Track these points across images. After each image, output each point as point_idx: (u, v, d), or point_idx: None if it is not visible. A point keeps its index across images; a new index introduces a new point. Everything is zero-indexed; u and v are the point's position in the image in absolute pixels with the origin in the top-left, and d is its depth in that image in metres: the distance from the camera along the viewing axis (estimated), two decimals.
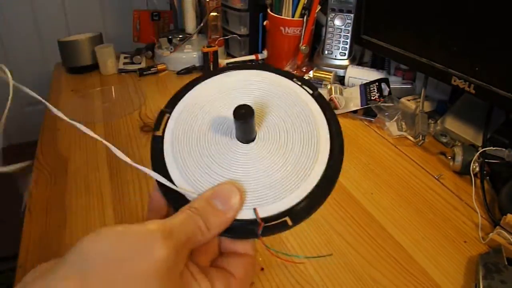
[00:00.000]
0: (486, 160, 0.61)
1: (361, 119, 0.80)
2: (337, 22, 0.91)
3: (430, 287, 0.45)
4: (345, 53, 0.93)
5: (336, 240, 0.51)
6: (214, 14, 1.01)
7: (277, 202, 0.25)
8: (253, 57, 1.06)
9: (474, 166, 0.60)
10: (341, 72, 0.92)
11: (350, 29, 0.90)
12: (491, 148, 0.61)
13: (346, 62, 0.93)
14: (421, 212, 0.56)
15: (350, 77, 0.89)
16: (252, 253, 0.26)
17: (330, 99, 0.80)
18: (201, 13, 1.07)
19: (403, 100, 0.79)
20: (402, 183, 0.62)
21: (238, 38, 1.06)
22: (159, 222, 0.22)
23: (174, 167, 0.27)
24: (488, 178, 0.62)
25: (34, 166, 0.65)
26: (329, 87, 0.83)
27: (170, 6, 1.25)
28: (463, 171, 0.62)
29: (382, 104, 0.77)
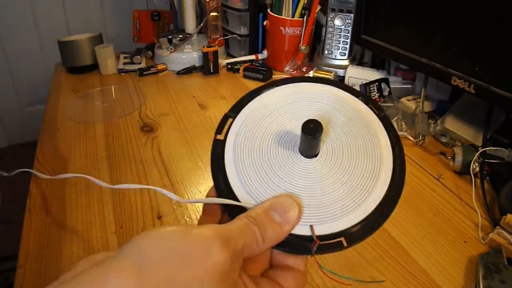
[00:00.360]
0: (486, 160, 0.61)
1: None
2: (337, 22, 0.91)
3: (430, 287, 0.45)
4: (345, 53, 0.93)
5: None
6: (214, 14, 1.01)
7: (334, 221, 0.25)
8: (253, 57, 1.06)
9: (474, 166, 0.60)
10: (341, 72, 0.92)
11: (350, 29, 0.90)
12: (491, 148, 0.61)
13: (346, 62, 0.93)
14: (421, 212, 0.56)
15: (350, 77, 0.89)
16: (303, 268, 0.26)
17: None
18: (201, 13, 1.07)
19: (403, 100, 0.79)
20: None
21: (238, 38, 1.06)
22: (218, 227, 0.21)
23: (234, 173, 0.27)
24: (488, 178, 0.62)
25: (34, 166, 0.65)
26: None
27: (170, 6, 1.25)
28: (463, 171, 0.62)
29: (382, 104, 0.77)
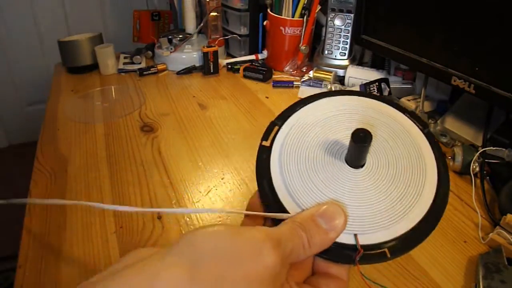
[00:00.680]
0: (486, 160, 0.61)
1: None
2: (337, 22, 0.91)
3: (430, 287, 0.45)
4: (345, 53, 0.93)
5: None
6: (214, 14, 1.01)
7: (378, 232, 0.25)
8: (253, 57, 1.06)
9: (474, 166, 0.60)
10: (341, 72, 0.92)
11: (350, 29, 0.90)
12: (491, 148, 0.61)
13: (346, 62, 0.93)
14: None
15: (350, 77, 0.89)
16: (345, 277, 0.26)
17: None
18: (201, 13, 1.07)
19: (403, 100, 0.79)
20: None
21: (238, 38, 1.06)
22: (268, 230, 0.22)
23: (279, 179, 0.27)
24: (488, 178, 0.61)
25: (34, 166, 0.65)
26: (329, 87, 0.83)
27: (170, 6, 1.26)
28: (463, 171, 0.62)
29: None
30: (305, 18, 0.94)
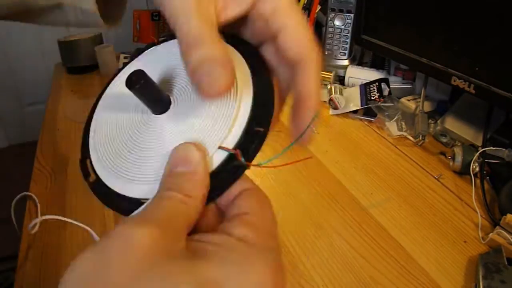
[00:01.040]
0: (486, 160, 0.61)
1: (361, 119, 0.80)
2: (337, 22, 0.91)
3: (430, 287, 0.45)
4: (345, 53, 0.93)
5: (336, 240, 0.51)
6: None
7: (229, 135, 0.23)
8: None
9: (474, 166, 0.60)
10: (341, 72, 0.92)
11: (350, 29, 0.90)
12: (491, 148, 0.61)
13: (346, 62, 0.93)
14: (421, 212, 0.56)
15: (350, 77, 0.89)
16: (253, 185, 0.23)
17: (330, 99, 0.81)
18: None
19: (403, 100, 0.79)
20: (402, 183, 0.62)
21: None
22: (133, 216, 0.21)
23: (106, 176, 0.26)
24: (488, 178, 0.61)
25: (34, 166, 0.65)
26: (329, 87, 0.83)
27: None
28: (463, 171, 0.62)
29: (382, 104, 0.77)
30: (305, 18, 0.94)
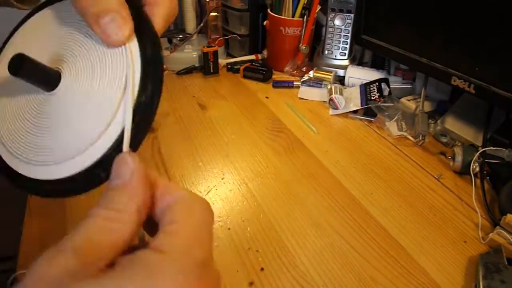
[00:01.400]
0: (486, 160, 0.61)
1: (361, 119, 0.80)
2: (337, 22, 0.91)
3: (430, 287, 0.45)
4: (345, 53, 0.93)
5: (336, 240, 0.51)
6: (214, 14, 1.01)
7: (100, 140, 0.23)
8: (253, 57, 1.06)
9: (474, 166, 0.60)
10: (341, 72, 0.92)
11: (350, 29, 0.90)
12: (491, 148, 0.61)
13: (346, 62, 0.93)
14: (421, 212, 0.56)
15: (350, 77, 0.89)
16: (185, 193, 0.23)
17: (330, 99, 0.81)
18: (201, 13, 1.07)
19: (403, 100, 0.79)
20: (402, 183, 0.62)
21: (238, 38, 1.06)
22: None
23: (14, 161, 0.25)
24: (488, 178, 0.62)
25: None
26: (329, 87, 0.84)
27: None
28: (463, 171, 0.62)
29: (382, 104, 0.77)
30: (305, 18, 0.94)
